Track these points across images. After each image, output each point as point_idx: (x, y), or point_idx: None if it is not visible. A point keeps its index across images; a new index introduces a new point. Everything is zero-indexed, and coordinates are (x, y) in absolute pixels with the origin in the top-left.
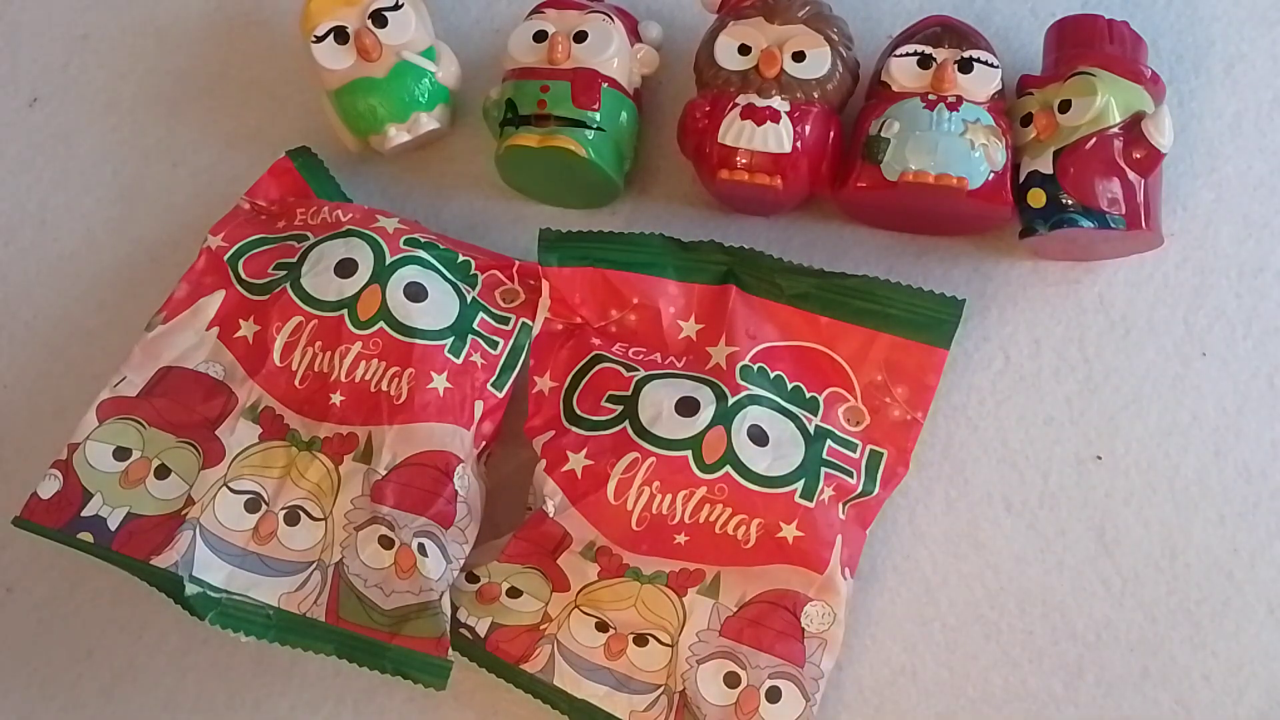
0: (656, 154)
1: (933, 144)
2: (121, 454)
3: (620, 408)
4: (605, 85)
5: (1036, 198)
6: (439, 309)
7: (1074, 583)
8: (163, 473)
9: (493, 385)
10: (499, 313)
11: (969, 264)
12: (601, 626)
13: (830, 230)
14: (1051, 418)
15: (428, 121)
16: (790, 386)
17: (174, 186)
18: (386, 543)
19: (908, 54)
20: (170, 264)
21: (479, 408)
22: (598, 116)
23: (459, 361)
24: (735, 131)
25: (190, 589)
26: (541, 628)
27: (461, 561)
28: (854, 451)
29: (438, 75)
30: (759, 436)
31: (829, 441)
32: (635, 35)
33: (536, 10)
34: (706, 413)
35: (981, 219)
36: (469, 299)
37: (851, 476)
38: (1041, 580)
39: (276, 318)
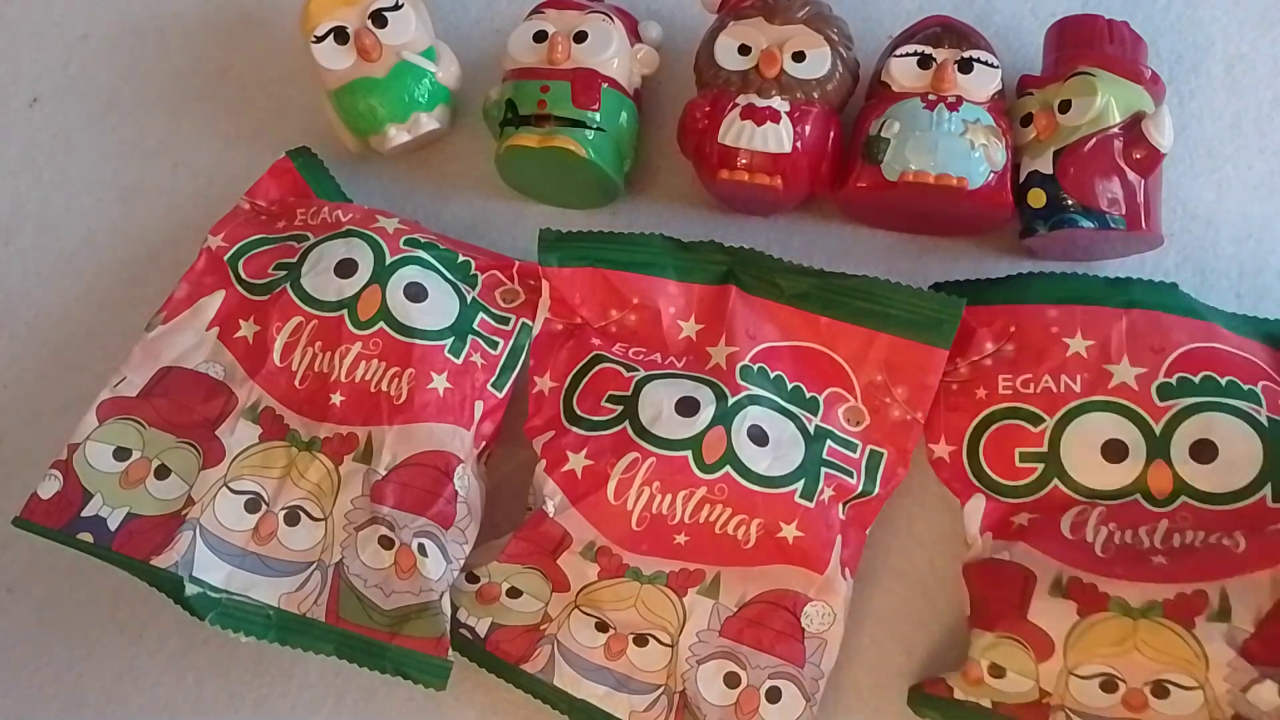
0: (656, 154)
1: (933, 144)
2: (121, 454)
3: (620, 408)
4: (605, 85)
5: (1036, 198)
6: (439, 309)
7: None
8: (163, 473)
9: (493, 385)
10: (499, 313)
11: (969, 264)
12: (601, 626)
13: (830, 230)
14: None
15: (428, 121)
16: (790, 386)
17: (174, 186)
18: (386, 543)
19: (908, 54)
20: (170, 264)
21: (479, 408)
22: (598, 116)
23: (459, 362)
24: (735, 131)
25: (190, 589)
26: (541, 628)
27: (461, 561)
28: (854, 451)
29: (438, 75)
30: (759, 436)
31: (829, 441)
32: (635, 35)
33: (536, 10)
34: (706, 413)
35: (981, 219)
36: (469, 299)
37: (851, 476)
38: None
39: (276, 318)
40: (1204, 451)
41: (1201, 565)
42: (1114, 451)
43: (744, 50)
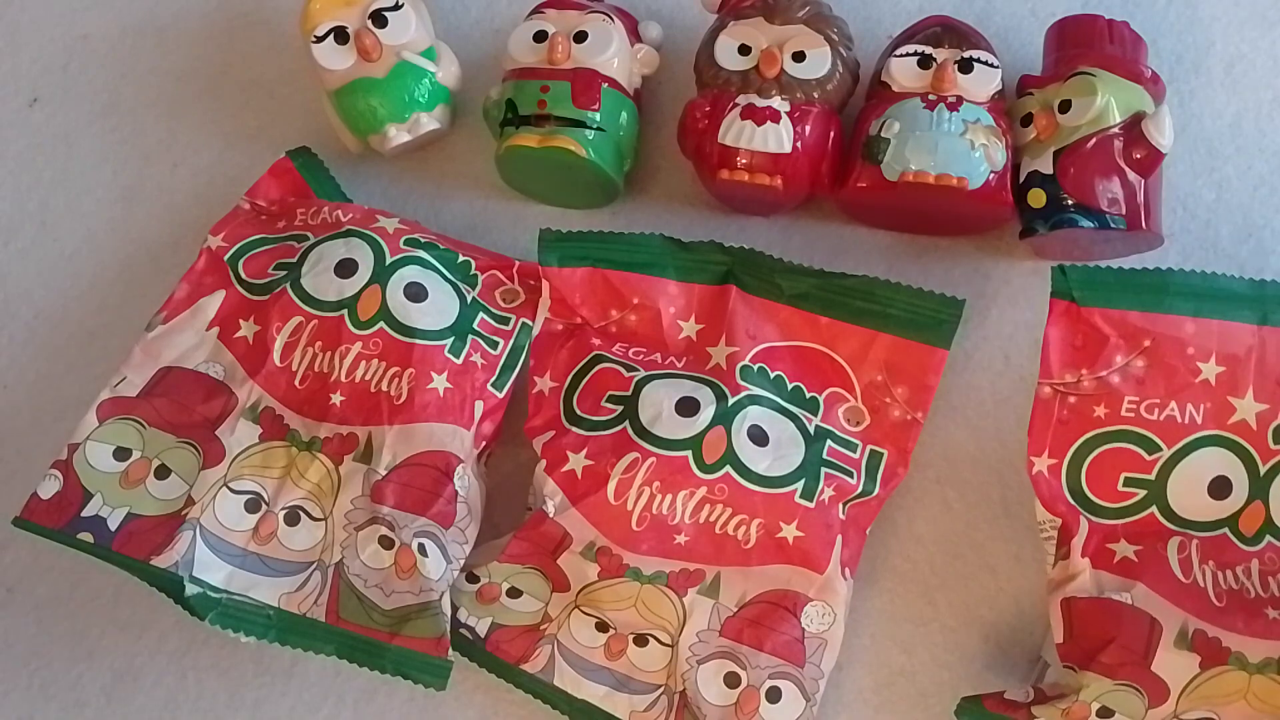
0: (656, 154)
1: (933, 144)
2: (121, 454)
3: (620, 408)
4: (605, 85)
5: (1037, 198)
6: (439, 309)
7: None
8: (163, 473)
9: (493, 385)
10: (499, 313)
11: (969, 264)
12: (601, 626)
13: (830, 230)
14: None
15: (428, 121)
16: (790, 386)
17: (174, 186)
18: (386, 543)
19: (908, 54)
20: (170, 264)
21: (479, 408)
22: (598, 116)
23: (459, 362)
24: (735, 131)
25: (190, 589)
26: (541, 628)
27: (461, 561)
28: (854, 451)
29: (438, 75)
30: (759, 436)
31: (829, 441)
32: (635, 35)
33: (536, 10)
34: (706, 413)
35: (981, 219)
36: (469, 299)
37: (851, 477)
38: (1039, 581)
39: (276, 318)
40: None
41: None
42: (1219, 488)
43: (744, 50)
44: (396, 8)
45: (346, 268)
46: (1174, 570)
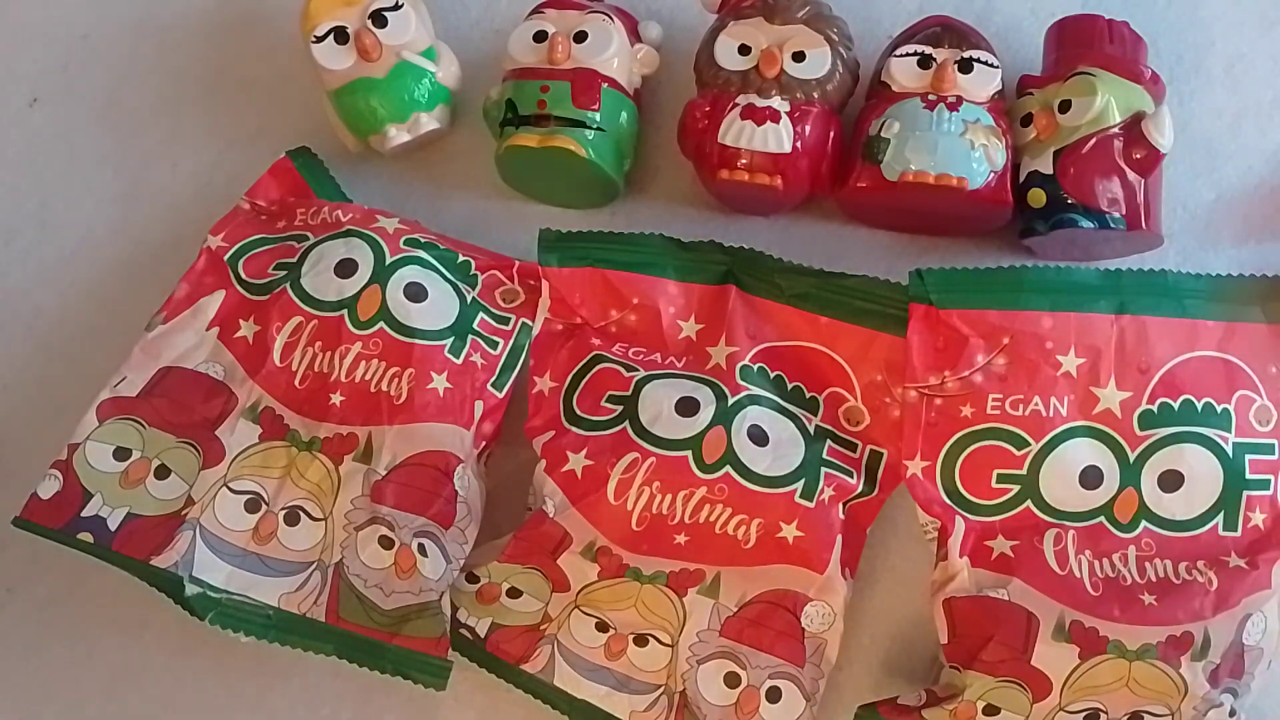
0: (656, 154)
1: (933, 144)
2: (121, 454)
3: (620, 408)
4: (605, 85)
5: (1036, 198)
6: (439, 309)
7: None
8: (163, 473)
9: (493, 385)
10: (499, 313)
11: (968, 264)
12: (601, 626)
13: (830, 230)
14: None
15: (428, 121)
16: (790, 386)
17: (174, 186)
18: (386, 543)
19: (908, 54)
20: (170, 264)
21: (479, 408)
22: (598, 116)
23: (459, 362)
24: (735, 131)
25: (190, 589)
26: (541, 628)
27: (461, 562)
28: (854, 451)
29: (438, 75)
30: (759, 436)
31: (829, 441)
32: (635, 35)
33: (536, 10)
34: (706, 413)
35: (981, 219)
36: (469, 299)
37: (851, 476)
38: None
39: (276, 318)
40: (1171, 481)
41: (1187, 607)
42: (1090, 478)
43: (744, 50)
44: (396, 8)
45: (346, 268)
46: (1050, 563)
